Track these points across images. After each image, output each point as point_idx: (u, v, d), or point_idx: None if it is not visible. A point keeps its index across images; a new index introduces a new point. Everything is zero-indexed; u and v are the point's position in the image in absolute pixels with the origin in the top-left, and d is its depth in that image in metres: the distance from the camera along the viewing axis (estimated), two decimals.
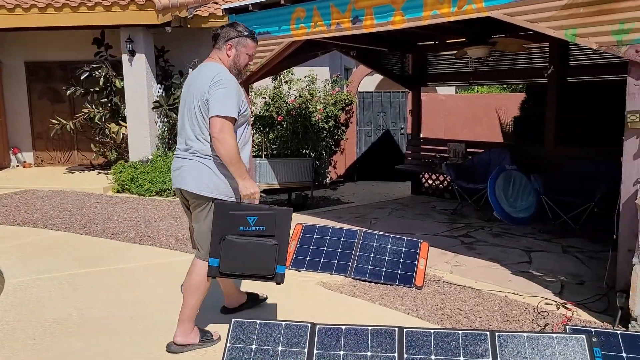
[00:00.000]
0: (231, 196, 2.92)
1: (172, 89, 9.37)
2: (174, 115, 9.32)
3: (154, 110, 9.21)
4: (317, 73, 8.86)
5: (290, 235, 4.63)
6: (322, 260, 4.45)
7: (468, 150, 7.56)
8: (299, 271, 4.41)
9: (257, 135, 8.52)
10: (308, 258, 4.48)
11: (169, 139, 9.44)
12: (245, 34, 3.03)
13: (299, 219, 6.61)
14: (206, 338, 3.01)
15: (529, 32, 6.17)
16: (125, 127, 9.30)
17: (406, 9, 4.47)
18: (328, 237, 4.57)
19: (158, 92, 9.38)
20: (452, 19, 4.21)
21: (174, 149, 9.32)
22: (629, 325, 3.33)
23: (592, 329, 2.67)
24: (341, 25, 5.00)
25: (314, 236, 4.61)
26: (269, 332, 2.48)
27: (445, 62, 7.95)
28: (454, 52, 6.97)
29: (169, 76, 9.61)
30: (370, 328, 2.45)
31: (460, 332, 2.39)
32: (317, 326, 2.48)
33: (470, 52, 5.92)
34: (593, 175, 5.76)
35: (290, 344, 2.43)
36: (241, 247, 2.79)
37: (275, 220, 2.84)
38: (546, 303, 3.85)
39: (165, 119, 9.37)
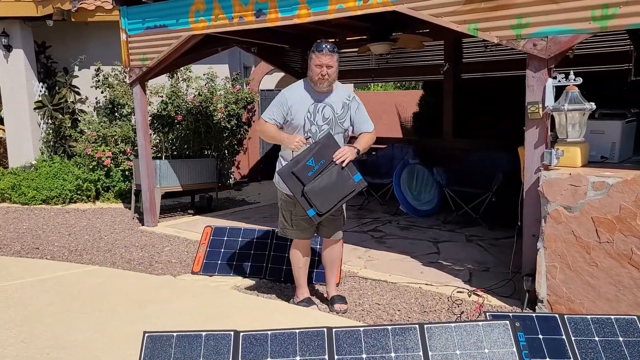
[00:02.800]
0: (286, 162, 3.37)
1: (57, 87, 8.63)
2: (60, 116, 8.59)
3: (37, 111, 8.43)
4: (216, 70, 8.57)
5: (199, 239, 4.39)
6: (234, 263, 4.25)
7: (371, 146, 7.67)
8: (211, 276, 4.18)
9: (154, 135, 8.07)
10: (220, 262, 4.26)
11: (55, 142, 8.69)
12: (313, 49, 3.35)
13: (205, 222, 6.33)
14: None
15: (426, 30, 6.37)
16: (3, 130, 8.42)
17: (311, 3, 4.39)
18: (240, 239, 4.38)
19: (40, 91, 8.60)
20: (358, 12, 4.19)
21: (61, 153, 8.68)
22: (536, 307, 3.49)
23: (510, 314, 2.74)
24: (244, 18, 4.82)
25: (225, 238, 4.39)
26: (188, 344, 2.27)
27: (347, 60, 8.01)
28: (356, 49, 7.03)
29: (52, 74, 8.84)
30: (297, 331, 2.32)
31: (389, 327, 2.33)
32: (241, 334, 2.31)
33: (373, 49, 5.98)
34: (490, 166, 6.06)
35: (213, 356, 2.24)
36: (321, 187, 3.16)
37: (325, 148, 3.22)
38: (458, 291, 3.94)
39: (50, 121, 8.61)
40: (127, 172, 7.95)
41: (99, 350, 2.70)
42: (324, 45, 3.30)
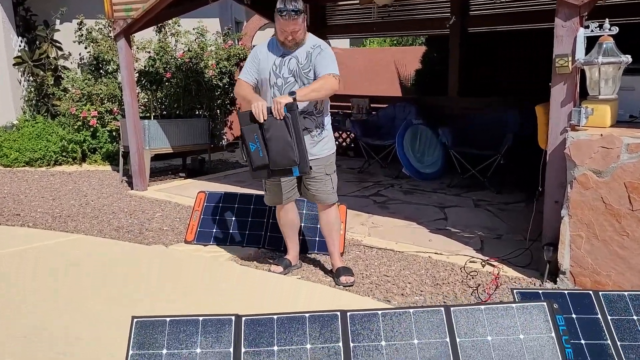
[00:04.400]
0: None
1: (37, 42, 8.12)
2: (41, 72, 8.11)
3: (16, 67, 7.94)
4: (206, 25, 8.07)
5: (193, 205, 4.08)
6: (230, 231, 3.95)
7: (372, 105, 7.31)
8: (205, 245, 3.89)
9: (142, 94, 7.64)
10: (215, 230, 3.96)
11: (37, 100, 8.24)
12: (276, 10, 2.96)
13: (198, 186, 6.02)
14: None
15: None
16: None
17: None
18: (236, 205, 4.07)
19: (19, 46, 8.09)
20: None
21: (44, 112, 8.24)
22: (557, 279, 3.24)
23: (540, 291, 2.48)
24: None
25: (220, 205, 4.08)
26: (183, 331, 1.99)
27: (346, 13, 7.55)
28: (356, 1, 6.58)
29: (31, 27, 8.30)
30: (307, 315, 2.04)
31: (411, 310, 2.06)
32: (243, 318, 2.03)
33: (377, 0, 5.55)
34: (499, 126, 5.73)
35: (211, 344, 1.96)
36: (275, 153, 2.91)
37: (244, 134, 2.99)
38: (471, 261, 3.69)
39: (31, 78, 8.13)
40: (114, 133, 7.56)
41: (82, 335, 2.42)
42: (285, 10, 2.92)
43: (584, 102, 3.24)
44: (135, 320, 2.00)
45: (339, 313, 2.04)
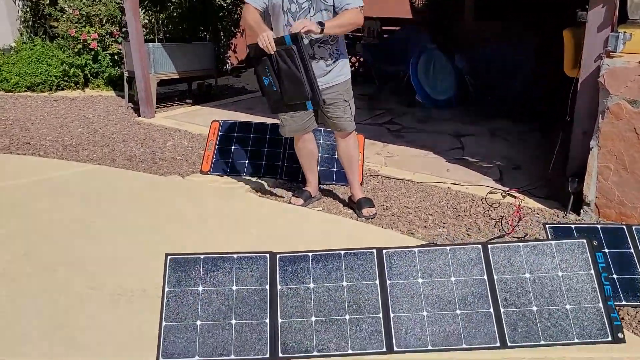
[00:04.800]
0: None
1: None
2: None
3: None
4: None
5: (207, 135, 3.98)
6: (247, 161, 3.88)
7: (383, 28, 7.02)
8: (222, 176, 3.83)
9: (144, 15, 7.31)
10: (231, 160, 3.89)
11: (34, 21, 7.90)
12: None
13: (206, 113, 5.89)
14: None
15: None
16: None
17: None
18: (252, 135, 3.98)
19: None
20: None
21: (42, 35, 7.92)
22: (581, 211, 3.21)
23: (572, 226, 2.45)
24: None
25: (235, 134, 3.99)
26: (218, 267, 1.96)
27: None
28: None
29: None
30: (343, 252, 2.01)
31: (448, 247, 2.03)
32: (278, 256, 2.00)
33: None
34: (518, 52, 5.53)
35: (247, 281, 1.94)
36: (288, 85, 2.79)
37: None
38: (491, 192, 3.65)
39: None
40: (116, 57, 7.31)
41: (115, 267, 2.40)
42: None
43: (622, 27, 3.07)
44: (169, 257, 1.97)
45: (374, 250, 2.01)
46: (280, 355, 1.81)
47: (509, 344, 1.85)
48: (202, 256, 1.98)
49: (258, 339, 1.82)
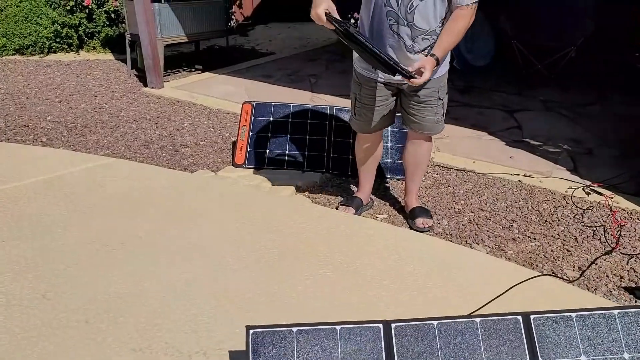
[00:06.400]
0: None
1: None
2: None
3: None
4: None
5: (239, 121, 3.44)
6: (287, 152, 3.36)
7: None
8: (259, 169, 3.31)
9: None
10: (268, 150, 3.36)
11: None
12: None
13: (221, 81, 5.31)
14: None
15: None
16: None
17: None
18: (290, 120, 3.43)
19: None
20: None
21: None
22: None
23: None
24: None
25: (270, 119, 3.44)
26: (316, 344, 1.49)
27: None
28: None
29: None
30: (478, 320, 1.54)
31: (616, 312, 1.56)
32: (392, 325, 1.53)
33: None
34: (575, 11, 4.92)
35: None
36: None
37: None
38: (570, 187, 3.18)
39: None
40: (112, 15, 6.60)
41: (168, 305, 1.91)
42: None
43: None
44: (251, 332, 1.49)
45: (520, 317, 1.54)
46: None
47: None
48: (294, 329, 1.50)
49: None
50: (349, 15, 6.10)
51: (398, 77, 2.27)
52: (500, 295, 2.00)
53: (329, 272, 2.16)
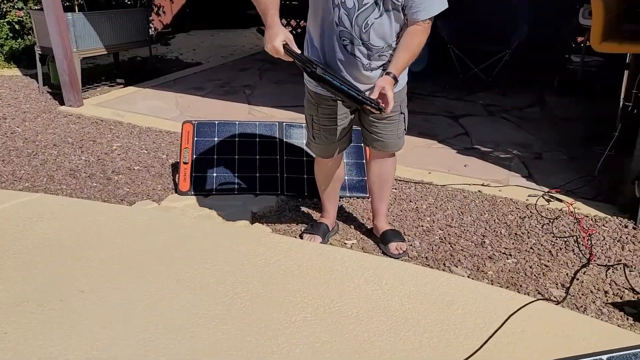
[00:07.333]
0: None
1: None
2: None
3: None
4: None
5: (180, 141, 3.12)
6: (236, 175, 3.07)
7: None
8: (207, 196, 3.00)
9: None
10: (216, 175, 3.06)
11: None
12: None
13: (148, 96, 4.92)
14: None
15: None
16: None
17: None
18: (237, 139, 3.16)
19: None
20: None
21: None
22: None
23: None
24: None
25: (215, 139, 3.15)
26: None
27: None
28: None
29: None
30: None
31: None
32: None
33: None
34: (509, 15, 4.97)
35: None
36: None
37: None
38: (530, 195, 3.13)
39: None
40: (16, 26, 5.99)
41: None
42: None
43: None
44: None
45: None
46: None
47: None
48: None
49: None
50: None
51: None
52: (500, 328, 1.86)
53: (309, 315, 1.92)
